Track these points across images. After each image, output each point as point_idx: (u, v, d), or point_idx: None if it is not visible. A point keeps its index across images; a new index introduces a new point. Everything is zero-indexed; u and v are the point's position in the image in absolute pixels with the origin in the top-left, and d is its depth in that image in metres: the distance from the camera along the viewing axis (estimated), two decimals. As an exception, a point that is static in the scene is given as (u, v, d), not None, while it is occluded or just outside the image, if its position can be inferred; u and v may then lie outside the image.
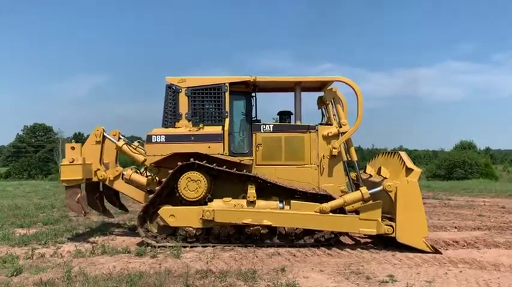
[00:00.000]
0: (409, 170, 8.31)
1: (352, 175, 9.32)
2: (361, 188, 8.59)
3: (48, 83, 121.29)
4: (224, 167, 8.47)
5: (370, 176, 9.59)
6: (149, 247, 8.35)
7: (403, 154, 8.86)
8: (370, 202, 8.39)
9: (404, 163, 8.52)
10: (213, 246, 8.46)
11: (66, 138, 64.07)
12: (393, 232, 8.18)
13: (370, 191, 8.51)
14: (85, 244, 8.88)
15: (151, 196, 8.76)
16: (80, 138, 69.87)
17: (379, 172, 9.05)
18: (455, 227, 10.73)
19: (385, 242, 8.86)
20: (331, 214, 8.32)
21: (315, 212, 8.28)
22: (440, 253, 8.32)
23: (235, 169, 8.55)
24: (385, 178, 8.79)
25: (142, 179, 9.45)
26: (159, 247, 8.42)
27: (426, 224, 8.25)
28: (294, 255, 7.84)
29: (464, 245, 8.61)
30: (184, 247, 8.40)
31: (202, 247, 8.47)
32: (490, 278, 6.42)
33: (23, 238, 9.30)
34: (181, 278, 6.33)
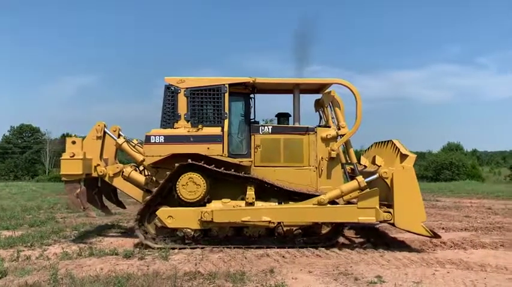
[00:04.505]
0: (403, 156, 8.39)
1: (348, 167, 9.36)
2: (357, 177, 8.62)
3: (36, 83, 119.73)
4: (223, 168, 8.44)
5: (365, 167, 9.64)
6: (137, 249, 8.28)
7: (396, 141, 8.93)
8: (367, 190, 8.42)
9: (399, 149, 8.59)
10: (211, 248, 8.40)
11: (53, 139, 63.35)
12: (392, 218, 8.22)
13: (366, 179, 8.53)
14: (72, 246, 8.78)
15: (148, 197, 8.67)
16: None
17: (373, 161, 9.10)
18: (443, 228, 10.83)
19: (374, 243, 8.91)
20: (329, 205, 8.35)
21: (313, 204, 8.30)
22: (439, 236, 8.50)
23: (233, 170, 8.52)
24: (380, 166, 8.84)
25: (141, 178, 9.39)
26: (153, 248, 8.33)
27: (424, 209, 8.30)
28: (283, 256, 7.84)
29: (451, 246, 8.69)
30: (183, 248, 8.37)
31: (191, 248, 8.42)
32: (477, 278, 6.47)
33: (8, 240, 9.16)
34: (170, 280, 6.28)
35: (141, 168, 9.66)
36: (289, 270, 6.95)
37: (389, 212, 8.24)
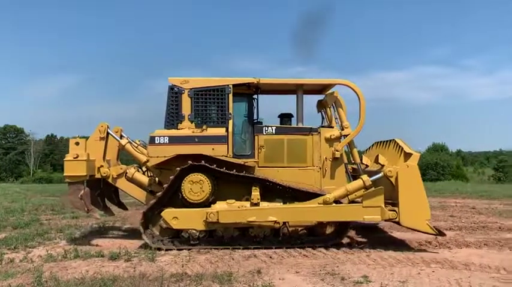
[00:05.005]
0: (407, 155, 8.48)
1: (349, 167, 9.41)
2: (362, 176, 8.67)
3: (20, 83, 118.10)
4: (231, 169, 8.44)
5: (367, 166, 9.70)
6: (123, 250, 8.20)
7: (399, 141, 9.02)
8: (372, 188, 8.46)
9: (402, 148, 8.66)
10: (216, 249, 8.37)
11: (38, 140, 62.52)
12: (397, 217, 8.28)
13: (371, 178, 8.59)
14: (57, 248, 8.67)
15: (155, 196, 8.63)
16: (52, 140, 68.30)
17: (376, 161, 9.16)
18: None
19: (359, 243, 8.97)
20: (334, 204, 8.38)
21: (319, 204, 8.33)
22: (444, 234, 8.57)
23: (244, 172, 8.53)
24: (383, 165, 8.90)
25: (145, 179, 9.37)
26: (155, 248, 8.31)
27: (428, 207, 8.38)
28: (270, 257, 7.84)
29: (436, 246, 8.79)
30: (182, 249, 8.35)
31: (178, 250, 8.38)
32: (461, 277, 6.56)
33: (-9, 243, 9.01)
34: (156, 282, 6.24)
35: (144, 169, 9.63)
36: (276, 270, 6.97)
37: (395, 211, 8.29)
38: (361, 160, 9.58)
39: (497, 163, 53.10)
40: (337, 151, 8.84)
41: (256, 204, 8.40)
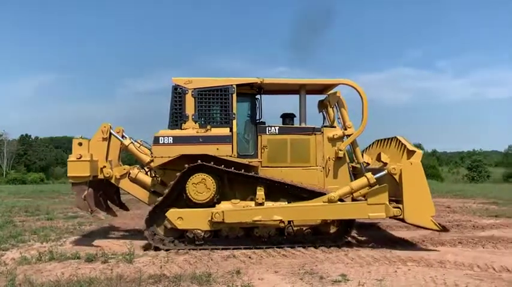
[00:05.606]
0: (410, 152, 8.59)
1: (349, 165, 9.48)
2: (366, 174, 8.73)
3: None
4: (236, 169, 8.41)
5: (368, 164, 9.77)
6: (100, 252, 8.08)
7: (401, 138, 9.14)
8: (376, 186, 8.52)
9: (405, 146, 8.77)
10: (177, 250, 8.31)
11: (11, 140, 61.00)
12: (401, 213, 8.36)
13: (375, 176, 8.65)
14: (31, 251, 8.47)
15: (157, 200, 8.55)
16: (26, 140, 66.73)
17: (378, 158, 9.24)
18: (404, 227, 11.10)
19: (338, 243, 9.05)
20: (339, 202, 8.42)
21: (324, 202, 8.35)
22: (448, 230, 8.80)
23: (242, 170, 8.50)
24: (386, 163, 8.98)
25: (148, 179, 9.30)
26: (166, 250, 8.29)
27: (432, 203, 8.47)
28: (249, 257, 7.85)
29: (412, 244, 8.94)
30: (193, 249, 8.32)
31: (155, 251, 8.29)
32: (436, 274, 6.69)
33: (-38, 246, 8.74)
34: (134, 284, 6.17)
35: (147, 169, 9.54)
36: (255, 270, 6.97)
37: (399, 208, 8.38)
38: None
39: (471, 163, 54.48)
40: (340, 150, 8.91)
41: (261, 204, 8.42)
